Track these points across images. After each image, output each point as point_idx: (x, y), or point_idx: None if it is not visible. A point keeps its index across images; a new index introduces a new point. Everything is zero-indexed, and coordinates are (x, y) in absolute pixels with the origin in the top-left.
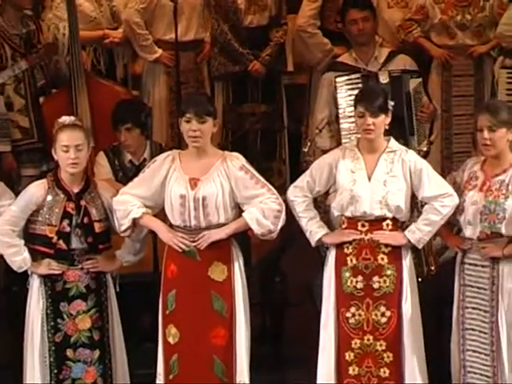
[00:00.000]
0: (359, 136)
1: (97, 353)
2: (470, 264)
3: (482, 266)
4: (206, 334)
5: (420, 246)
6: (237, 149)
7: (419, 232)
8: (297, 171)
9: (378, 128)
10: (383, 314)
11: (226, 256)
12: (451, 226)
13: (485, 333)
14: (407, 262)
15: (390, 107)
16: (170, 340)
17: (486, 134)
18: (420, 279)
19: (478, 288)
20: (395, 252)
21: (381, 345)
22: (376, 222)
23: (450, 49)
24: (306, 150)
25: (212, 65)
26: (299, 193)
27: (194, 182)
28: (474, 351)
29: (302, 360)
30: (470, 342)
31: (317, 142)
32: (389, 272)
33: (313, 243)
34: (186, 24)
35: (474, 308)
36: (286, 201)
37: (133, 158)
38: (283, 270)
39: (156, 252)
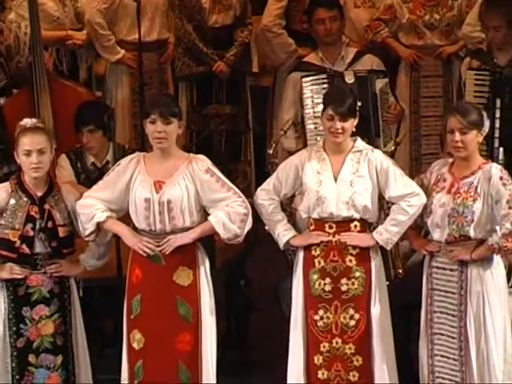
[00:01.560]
0: (325, 136)
1: (60, 358)
2: (438, 267)
3: (451, 270)
4: (172, 340)
5: (389, 247)
6: (201, 150)
7: (387, 233)
8: (262, 173)
9: (346, 132)
10: (352, 317)
11: (192, 260)
12: (419, 228)
13: (453, 337)
14: (376, 263)
15: (359, 105)
16: (135, 345)
17: (457, 136)
18: (387, 282)
19: (446, 292)
20: (363, 254)
21: (350, 348)
22: (344, 224)
23: (418, 49)
24: (270, 151)
25: (176, 65)
26: (266, 196)
27: (158, 185)
28: (443, 356)
29: (269, 365)
30: (438, 347)
31: (283, 143)
32: (357, 274)
33: (281, 246)
34: (149, 24)
35: (442, 312)
36: (252, 203)
37: (95, 160)
38: (248, 273)
39: (119, 256)
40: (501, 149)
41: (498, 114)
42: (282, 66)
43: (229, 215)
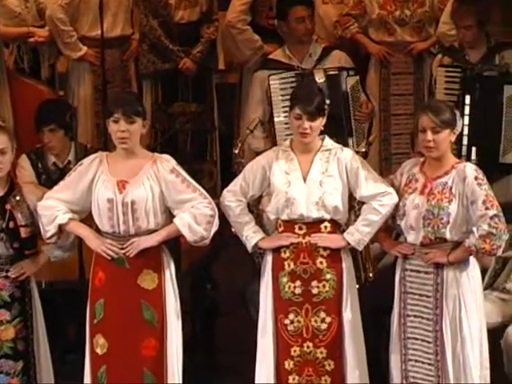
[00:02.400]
0: (293, 136)
1: (20, 364)
2: (412, 270)
3: (426, 273)
4: (136, 345)
5: (360, 248)
6: (166, 150)
7: (358, 233)
8: (228, 173)
9: (314, 131)
10: (323, 320)
11: (157, 264)
12: (389, 230)
13: (428, 342)
14: (347, 265)
15: (326, 107)
16: (98, 351)
17: (429, 135)
18: (357, 286)
19: (421, 295)
20: (334, 255)
21: (321, 352)
22: (314, 225)
23: (388, 45)
24: (236, 151)
25: (141, 62)
26: (232, 197)
27: (122, 185)
28: (417, 361)
29: (236, 369)
30: (412, 352)
31: (250, 143)
32: (328, 276)
33: (249, 248)
34: (112, 20)
35: (416, 316)
36: (218, 204)
37: (57, 160)
38: (215, 276)
39: (82, 259)
40: (473, 148)
41: (467, 111)
42: (247, 62)
43: (195, 217)
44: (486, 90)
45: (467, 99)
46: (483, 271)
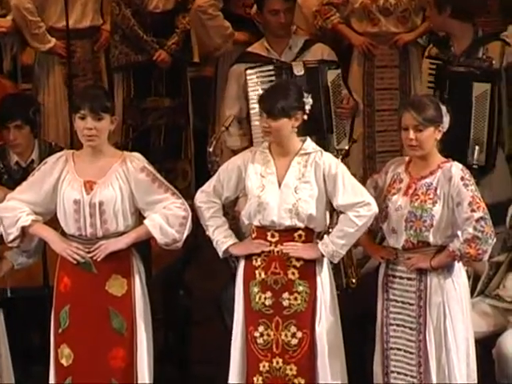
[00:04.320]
0: None
1: None
2: (395, 276)
3: (408, 279)
4: (104, 355)
5: (335, 261)
6: (138, 147)
7: (333, 245)
8: (204, 173)
9: (277, 131)
10: (294, 335)
11: (126, 268)
12: (373, 233)
13: (411, 353)
14: (322, 277)
15: (309, 101)
16: (63, 361)
17: (411, 133)
18: (338, 292)
19: (404, 303)
20: (308, 266)
21: (291, 369)
22: (287, 233)
23: (372, 37)
24: (211, 149)
25: (112, 54)
26: (206, 198)
27: (89, 186)
28: (400, 373)
29: (211, 382)
30: (394, 363)
31: (226, 141)
32: (300, 288)
33: (220, 254)
34: (81, 10)
35: (398, 325)
36: (192, 206)
37: (19, 159)
38: (188, 282)
39: (46, 264)
40: (476, 147)
41: None
42: (217, 51)
43: (166, 218)
44: (456, 87)
45: (437, 95)
46: (477, 277)
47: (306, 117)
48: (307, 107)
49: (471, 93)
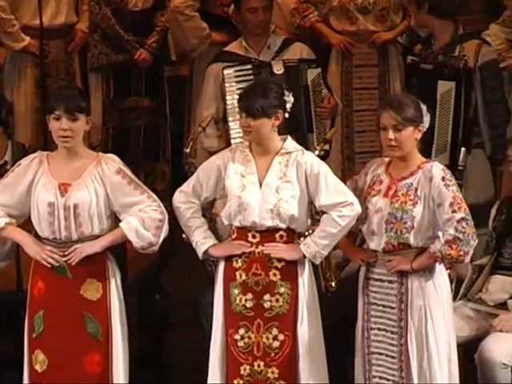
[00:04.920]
0: None
1: None
2: (375, 279)
3: (389, 282)
4: (79, 361)
5: (317, 262)
6: (119, 148)
7: (315, 246)
8: (182, 174)
9: (257, 130)
10: (275, 338)
11: (101, 272)
12: (353, 235)
13: (393, 357)
14: (304, 278)
15: (290, 99)
16: (37, 367)
17: (390, 134)
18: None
19: (384, 306)
20: (290, 267)
21: (273, 372)
22: (268, 233)
23: (350, 35)
24: (187, 150)
25: (92, 54)
26: (184, 198)
27: (64, 188)
28: (381, 378)
29: None
30: (376, 368)
31: (203, 142)
32: (282, 290)
33: (199, 255)
34: (56, 6)
35: (380, 329)
36: (168, 208)
37: None
38: (165, 286)
39: (19, 268)
40: (462, 149)
41: None
42: (194, 52)
43: (143, 221)
44: (421, 84)
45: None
46: (460, 281)
47: (287, 115)
48: (288, 105)
49: (436, 90)
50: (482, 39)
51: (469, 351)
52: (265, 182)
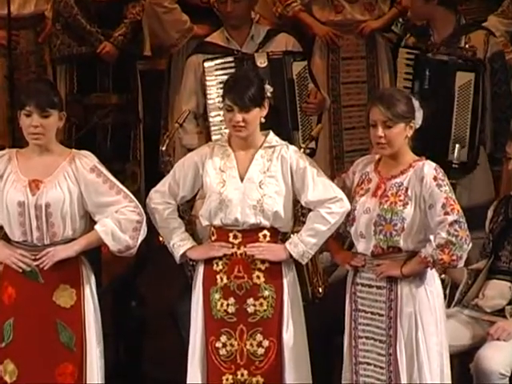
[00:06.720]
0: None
1: None
2: (363, 285)
3: (378, 288)
4: (51, 371)
5: (304, 262)
6: (83, 147)
7: (302, 244)
8: (155, 174)
9: (250, 124)
10: (260, 344)
11: (75, 278)
12: (341, 238)
13: (381, 367)
14: (289, 280)
15: (269, 95)
16: (7, 378)
17: (380, 130)
18: (304, 303)
19: (373, 313)
20: (274, 269)
21: (257, 381)
22: (251, 233)
23: (336, 26)
24: (163, 148)
25: (54, 44)
26: (160, 199)
27: (35, 185)
28: None
29: None
30: (364, 379)
31: (182, 139)
32: (266, 293)
33: (177, 259)
34: None
35: (368, 338)
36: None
37: None
38: (141, 292)
39: None
40: (457, 145)
41: None
42: (175, 47)
43: (119, 223)
44: (437, 76)
45: (416, 86)
46: (455, 286)
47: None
48: (268, 94)
49: (454, 83)
50: (487, 29)
51: (464, 361)
52: (247, 177)
